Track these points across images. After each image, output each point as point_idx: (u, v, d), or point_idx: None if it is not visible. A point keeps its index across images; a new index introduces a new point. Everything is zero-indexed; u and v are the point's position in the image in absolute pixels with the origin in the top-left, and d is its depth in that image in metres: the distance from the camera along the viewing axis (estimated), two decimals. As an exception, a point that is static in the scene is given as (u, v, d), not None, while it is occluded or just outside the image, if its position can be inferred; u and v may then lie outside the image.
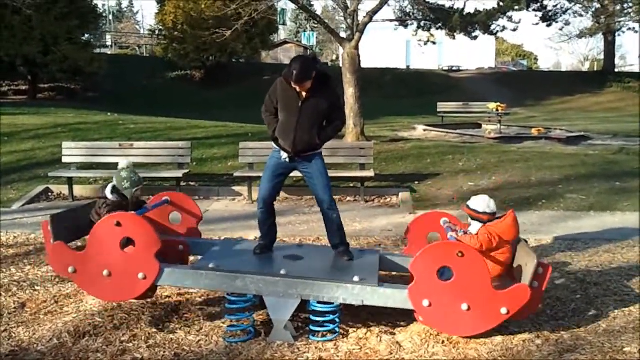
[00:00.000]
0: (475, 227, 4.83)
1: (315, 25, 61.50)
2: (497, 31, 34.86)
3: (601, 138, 16.85)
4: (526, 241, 4.92)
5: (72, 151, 9.85)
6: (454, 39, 35.08)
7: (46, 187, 9.87)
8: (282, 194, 9.57)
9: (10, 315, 4.99)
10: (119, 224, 4.54)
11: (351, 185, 9.72)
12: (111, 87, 28.06)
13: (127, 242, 4.65)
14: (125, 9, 72.86)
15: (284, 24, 51.85)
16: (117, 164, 9.95)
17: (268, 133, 5.22)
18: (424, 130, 18.23)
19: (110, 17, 57.69)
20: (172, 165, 10.02)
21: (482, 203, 4.83)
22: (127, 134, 12.88)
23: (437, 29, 34.43)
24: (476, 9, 21.46)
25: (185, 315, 4.98)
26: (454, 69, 45.86)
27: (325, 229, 5.27)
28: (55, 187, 9.91)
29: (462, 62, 49.50)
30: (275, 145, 5.19)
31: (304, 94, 4.94)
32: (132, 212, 4.88)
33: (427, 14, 23.59)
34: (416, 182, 9.91)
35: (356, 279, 4.46)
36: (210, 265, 4.61)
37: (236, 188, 9.77)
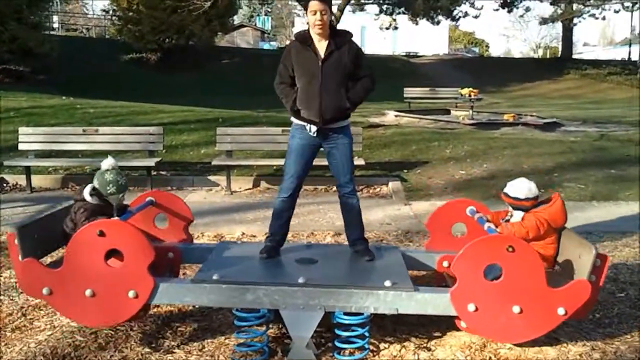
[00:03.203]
0: (518, 216, 4.24)
1: (270, 10, 60.37)
2: (459, 17, 34.88)
3: (572, 124, 16.64)
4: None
5: (29, 137, 8.87)
6: (417, 24, 34.98)
7: (0, 177, 8.92)
8: (265, 184, 8.89)
9: (-31, 333, 4.18)
10: (102, 234, 3.72)
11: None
12: (62, 71, 26.56)
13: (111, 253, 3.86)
14: (72, -10, 70.01)
15: (240, 7, 50.56)
16: (80, 151, 9.26)
17: (286, 107, 4.37)
18: (395, 116, 17.67)
19: (57, -3, 55.18)
20: (142, 152, 9.16)
21: (522, 188, 4.20)
22: (86, 119, 11.89)
23: (399, 13, 34.24)
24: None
25: (180, 329, 4.26)
26: (411, 54, 45.71)
27: (342, 219, 4.60)
28: (10, 177, 8.97)
29: (416, 48, 49.44)
30: (296, 121, 4.41)
31: (322, 52, 4.24)
32: (116, 218, 4.07)
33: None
34: (405, 171, 9.32)
35: (387, 283, 3.80)
36: (214, 277, 3.87)
37: (212, 177, 8.99)
